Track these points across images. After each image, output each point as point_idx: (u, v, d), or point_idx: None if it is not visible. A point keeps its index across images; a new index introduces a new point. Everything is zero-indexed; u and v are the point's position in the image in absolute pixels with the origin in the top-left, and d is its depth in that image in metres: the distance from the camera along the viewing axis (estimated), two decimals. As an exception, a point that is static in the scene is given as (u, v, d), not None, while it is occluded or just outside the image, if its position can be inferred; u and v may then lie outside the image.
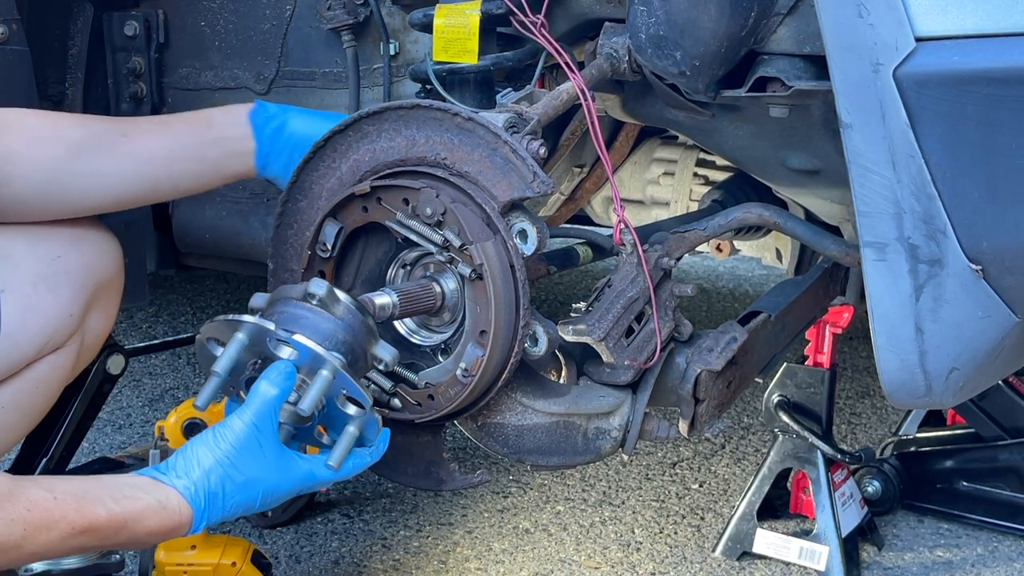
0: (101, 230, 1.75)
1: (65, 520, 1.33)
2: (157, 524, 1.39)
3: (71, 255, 1.68)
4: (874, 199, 1.48)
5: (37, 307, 1.63)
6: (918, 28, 1.40)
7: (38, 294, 1.63)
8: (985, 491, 2.49)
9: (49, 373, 1.68)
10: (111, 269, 1.75)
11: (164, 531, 1.41)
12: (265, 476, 1.44)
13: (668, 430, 1.63)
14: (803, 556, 2.28)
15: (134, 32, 2.17)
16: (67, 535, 1.33)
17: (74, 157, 1.67)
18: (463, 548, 2.35)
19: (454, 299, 1.55)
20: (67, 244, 1.68)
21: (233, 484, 1.42)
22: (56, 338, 1.66)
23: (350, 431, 1.46)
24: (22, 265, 1.63)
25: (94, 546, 1.39)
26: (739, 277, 4.41)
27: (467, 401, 1.54)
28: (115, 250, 1.77)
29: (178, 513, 1.40)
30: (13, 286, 1.60)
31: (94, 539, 1.36)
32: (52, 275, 1.65)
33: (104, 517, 1.35)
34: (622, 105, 1.94)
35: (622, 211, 1.62)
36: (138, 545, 1.44)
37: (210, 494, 1.41)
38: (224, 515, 1.44)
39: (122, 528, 1.37)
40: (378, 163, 1.58)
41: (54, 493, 1.34)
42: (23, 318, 1.60)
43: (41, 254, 1.65)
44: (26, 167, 1.64)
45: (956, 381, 1.58)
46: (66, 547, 1.36)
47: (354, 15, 2.00)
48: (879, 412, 3.11)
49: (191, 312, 3.79)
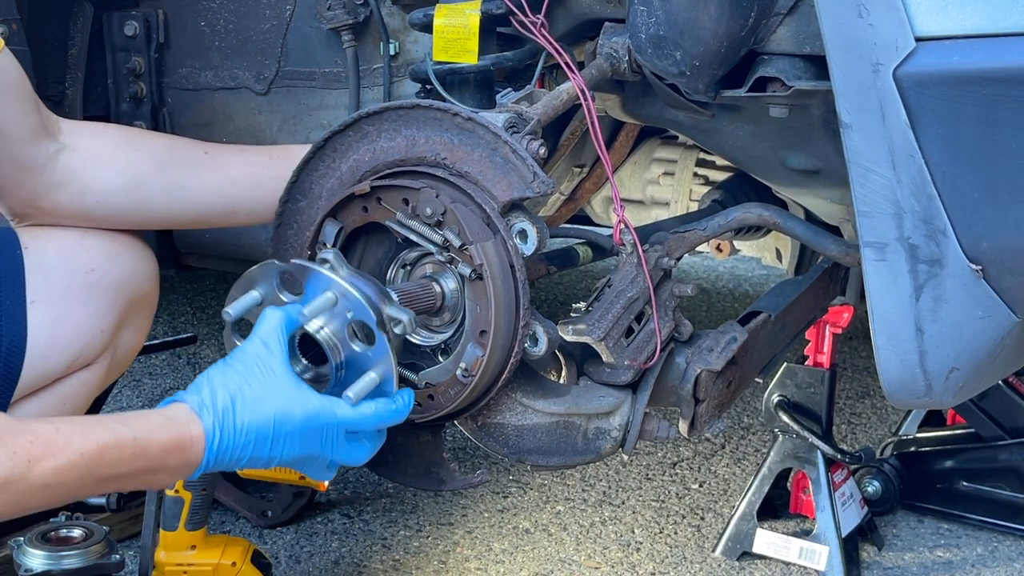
0: (137, 245, 1.73)
1: (71, 446, 1.28)
2: (168, 439, 1.32)
3: (105, 269, 1.66)
4: (874, 199, 1.48)
5: (67, 320, 1.60)
6: (918, 28, 1.40)
7: (68, 307, 1.61)
8: (985, 491, 2.49)
9: (77, 390, 1.66)
10: (146, 285, 1.73)
11: (175, 446, 1.33)
12: (276, 396, 1.37)
13: (668, 430, 1.63)
14: (803, 556, 2.29)
15: (134, 32, 2.17)
16: (76, 461, 1.28)
17: (158, 169, 1.71)
18: (463, 548, 2.35)
19: (454, 299, 1.55)
20: (101, 258, 1.67)
21: (243, 400, 1.36)
22: (86, 353, 1.64)
23: (370, 375, 1.42)
24: (53, 277, 1.62)
25: (110, 477, 1.32)
26: (739, 277, 4.41)
27: (467, 401, 1.54)
28: (151, 265, 1.75)
29: (187, 426, 1.34)
30: (43, 297, 1.59)
31: (106, 466, 1.30)
32: (84, 288, 1.63)
33: (112, 438, 1.30)
34: (622, 105, 1.94)
35: (622, 211, 1.62)
36: (155, 475, 1.36)
37: (219, 408, 1.35)
38: (237, 439, 1.36)
39: (134, 449, 1.31)
40: (378, 163, 1.58)
41: (56, 425, 1.30)
42: (52, 331, 1.59)
43: (74, 267, 1.64)
44: (110, 172, 1.68)
45: (956, 381, 1.58)
46: (78, 476, 1.29)
47: (354, 15, 2.00)
48: (879, 412, 3.11)
49: (191, 312, 3.79)
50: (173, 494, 1.99)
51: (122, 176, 1.68)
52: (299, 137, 2.14)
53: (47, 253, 1.63)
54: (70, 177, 1.65)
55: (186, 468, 1.36)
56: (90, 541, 1.82)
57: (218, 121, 2.19)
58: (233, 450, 1.36)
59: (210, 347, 3.47)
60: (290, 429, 1.37)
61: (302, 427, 1.38)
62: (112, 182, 1.68)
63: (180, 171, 1.72)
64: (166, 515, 2.00)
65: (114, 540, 1.88)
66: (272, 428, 1.37)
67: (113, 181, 1.68)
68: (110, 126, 1.78)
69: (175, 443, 1.33)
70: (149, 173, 1.70)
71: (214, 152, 1.77)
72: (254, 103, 2.16)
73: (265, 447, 1.37)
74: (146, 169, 1.70)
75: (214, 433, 1.35)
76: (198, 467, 1.36)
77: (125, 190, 1.69)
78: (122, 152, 1.70)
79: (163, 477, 1.37)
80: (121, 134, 1.76)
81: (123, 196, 1.69)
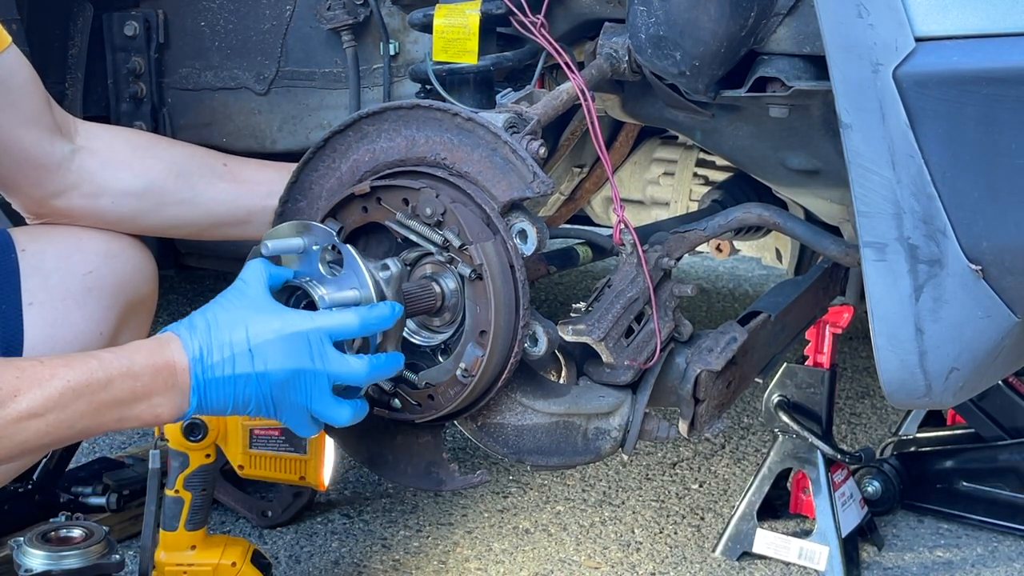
0: (136, 246, 1.73)
1: (57, 376, 1.29)
2: (151, 357, 1.33)
3: (103, 271, 1.65)
4: (874, 199, 1.48)
5: (65, 323, 1.59)
6: (918, 28, 1.40)
7: (66, 310, 1.60)
8: (985, 491, 2.49)
9: None
10: (145, 287, 1.72)
11: (162, 366, 1.34)
12: (254, 312, 1.38)
13: (668, 430, 1.63)
14: (803, 556, 2.28)
15: (134, 32, 2.17)
16: (63, 388, 1.28)
17: (175, 176, 1.71)
18: (463, 548, 2.35)
19: (454, 299, 1.55)
20: (99, 259, 1.66)
21: (222, 319, 1.37)
22: None
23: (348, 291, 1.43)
24: (52, 278, 1.61)
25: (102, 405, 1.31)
26: (739, 277, 4.41)
27: (467, 401, 1.54)
28: (150, 267, 1.75)
29: (169, 346, 1.35)
30: (41, 300, 1.58)
31: (94, 391, 1.30)
32: (82, 290, 1.62)
33: (96, 363, 1.31)
34: (622, 105, 1.94)
35: (622, 211, 1.62)
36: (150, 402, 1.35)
37: (197, 328, 1.36)
38: (219, 355, 1.36)
39: (119, 369, 1.32)
40: (378, 163, 1.58)
41: (42, 360, 1.31)
42: (50, 334, 1.58)
43: (72, 268, 1.63)
44: (126, 175, 1.68)
45: (956, 381, 1.58)
46: (68, 403, 1.29)
47: (354, 15, 2.00)
48: (879, 412, 3.11)
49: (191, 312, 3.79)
50: (173, 494, 1.99)
51: (138, 180, 1.69)
52: (299, 137, 2.14)
53: (45, 255, 1.62)
54: (85, 178, 1.66)
55: (178, 394, 1.36)
56: (90, 541, 1.82)
57: (218, 121, 2.19)
58: (218, 367, 1.36)
59: (210, 347, 3.47)
60: (270, 337, 1.37)
61: (281, 336, 1.37)
62: (127, 185, 1.68)
63: (197, 180, 1.73)
64: (166, 515, 2.00)
65: (114, 540, 1.88)
66: (250, 339, 1.36)
67: (128, 184, 1.68)
68: (129, 130, 1.79)
69: (161, 363, 1.34)
70: (165, 179, 1.71)
71: (233, 164, 1.77)
72: (254, 103, 2.16)
73: (247, 360, 1.36)
74: (163, 175, 1.71)
75: (194, 349, 1.35)
76: (190, 391, 1.36)
77: (140, 194, 1.69)
78: (139, 156, 1.70)
79: (159, 404, 1.35)
80: (140, 139, 1.77)
81: (138, 200, 1.70)
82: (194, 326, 1.38)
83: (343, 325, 1.40)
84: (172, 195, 1.72)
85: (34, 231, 1.67)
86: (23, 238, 1.64)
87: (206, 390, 1.36)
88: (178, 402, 1.37)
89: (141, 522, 2.02)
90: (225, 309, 1.39)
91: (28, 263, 1.61)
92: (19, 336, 1.55)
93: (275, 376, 1.37)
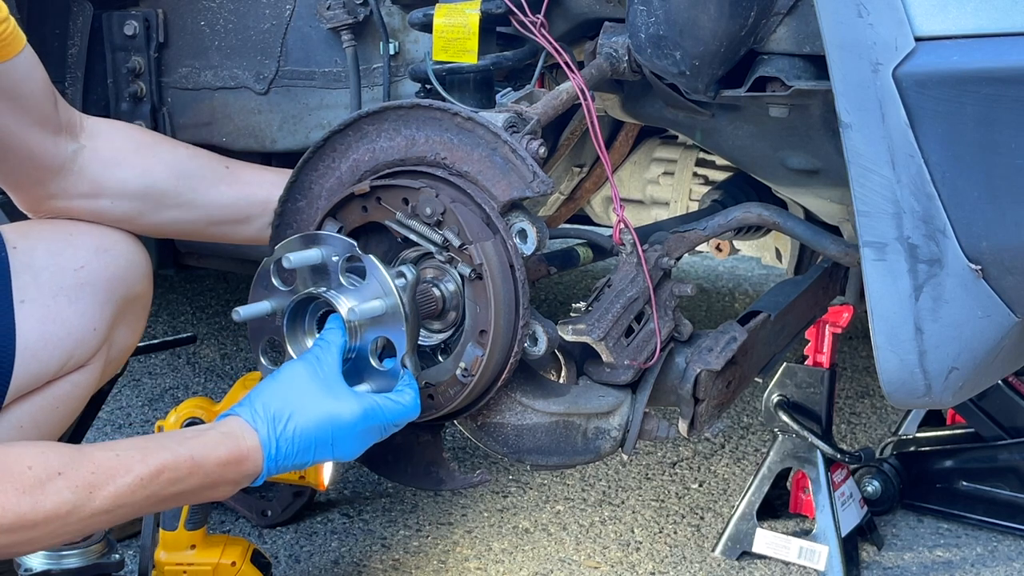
0: (129, 241, 1.72)
1: (131, 472, 1.30)
2: (224, 454, 1.36)
3: (95, 266, 1.64)
4: (874, 199, 1.48)
5: (57, 320, 1.58)
6: (918, 28, 1.40)
7: (59, 306, 1.58)
8: (985, 491, 2.49)
9: (72, 392, 1.63)
10: (139, 282, 1.71)
11: (232, 460, 1.36)
12: (326, 402, 1.41)
13: (668, 430, 1.63)
14: (803, 556, 2.29)
15: (134, 31, 2.17)
16: (135, 485, 1.31)
17: (175, 178, 1.72)
18: (463, 548, 2.35)
19: (454, 301, 1.55)
20: (91, 254, 1.64)
21: (295, 408, 1.39)
22: (79, 353, 1.61)
23: (373, 302, 1.46)
24: (44, 275, 1.59)
25: (169, 496, 1.34)
26: (739, 277, 4.41)
27: (467, 401, 1.54)
28: (143, 261, 1.73)
29: (242, 439, 1.37)
30: (33, 297, 1.57)
31: (164, 486, 1.33)
32: (75, 286, 1.61)
33: (170, 458, 1.33)
34: (622, 105, 1.94)
35: (622, 211, 1.62)
36: (214, 490, 1.39)
37: (271, 418, 1.38)
38: (293, 446, 1.39)
39: (191, 467, 1.34)
40: (378, 163, 1.58)
41: (116, 451, 1.32)
42: (44, 331, 1.56)
43: (63, 264, 1.61)
44: (127, 176, 1.68)
45: (956, 381, 1.58)
46: (138, 499, 1.32)
47: (354, 15, 2.00)
48: (879, 412, 3.11)
49: (191, 312, 3.79)
50: (173, 494, 1.99)
51: (138, 181, 1.69)
52: (299, 137, 2.14)
53: (35, 252, 1.61)
54: (87, 179, 1.66)
55: (245, 479, 1.39)
56: (90, 541, 1.82)
57: (218, 121, 2.19)
58: (292, 456, 1.40)
59: (210, 347, 3.47)
60: (345, 427, 1.41)
61: (361, 431, 1.43)
62: (128, 187, 1.69)
63: (198, 182, 1.73)
64: (166, 515, 2.00)
65: (114, 540, 1.88)
66: (330, 432, 1.41)
67: (129, 186, 1.69)
68: (133, 127, 1.78)
69: (231, 457, 1.37)
70: (166, 181, 1.71)
71: (235, 168, 1.78)
72: (254, 103, 2.16)
73: (327, 450, 1.42)
74: (163, 176, 1.71)
75: (269, 442, 1.38)
76: (259, 476, 1.40)
77: (140, 195, 1.70)
78: (141, 156, 1.70)
79: (223, 490, 1.40)
80: (144, 137, 1.77)
81: (137, 201, 1.70)
82: (269, 417, 1.39)
83: (406, 407, 1.46)
84: (172, 197, 1.72)
85: (24, 227, 1.66)
86: (13, 235, 1.62)
87: (277, 471, 1.41)
88: (243, 484, 1.41)
89: (141, 521, 2.03)
90: (297, 392, 1.41)
91: (19, 260, 1.59)
92: (11, 334, 1.54)
93: (353, 455, 1.46)
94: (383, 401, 1.44)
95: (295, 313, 1.51)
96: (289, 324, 1.51)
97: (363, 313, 1.44)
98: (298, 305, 1.51)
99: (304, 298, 1.50)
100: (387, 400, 1.45)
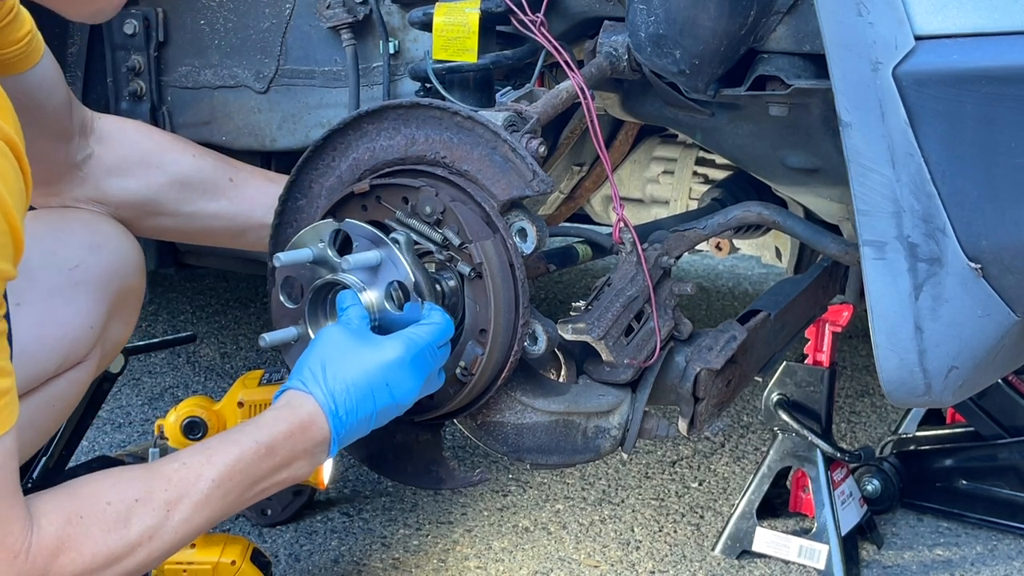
0: (121, 235, 1.72)
1: (202, 478, 1.30)
2: (286, 427, 1.36)
3: (88, 263, 1.64)
4: (873, 198, 1.48)
5: (54, 321, 1.57)
6: (917, 27, 1.40)
7: (54, 307, 1.58)
8: (984, 489, 2.49)
9: (67, 389, 1.63)
10: (132, 275, 1.71)
11: (297, 428, 1.36)
12: (367, 348, 1.41)
13: (667, 429, 1.63)
14: (803, 555, 2.29)
15: (133, 30, 2.17)
16: (210, 490, 1.31)
17: (177, 188, 1.73)
18: (462, 547, 2.35)
19: (454, 299, 1.55)
20: (85, 252, 1.64)
21: (341, 363, 1.40)
22: (75, 352, 1.61)
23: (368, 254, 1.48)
24: (38, 275, 1.58)
25: (247, 487, 1.34)
26: (738, 276, 4.41)
27: (467, 400, 1.54)
28: (136, 255, 1.74)
29: (300, 407, 1.37)
30: (28, 298, 1.54)
31: (239, 481, 1.33)
32: (70, 286, 1.60)
33: (236, 451, 1.33)
34: (621, 104, 1.94)
35: (621, 210, 1.62)
36: (292, 467, 1.38)
37: (322, 377, 1.39)
38: (351, 398, 1.39)
39: (259, 452, 1.34)
40: (377, 162, 1.58)
41: (182, 461, 1.32)
42: (40, 332, 1.55)
43: (58, 263, 1.61)
44: (128, 184, 1.70)
45: (955, 380, 1.58)
46: (216, 502, 1.32)
47: (354, 14, 2.00)
48: (878, 411, 3.11)
49: (190, 311, 3.79)
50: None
51: (140, 191, 1.71)
52: (299, 136, 2.14)
53: (30, 254, 1.60)
54: (91, 185, 1.68)
55: (318, 448, 1.39)
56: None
57: (218, 120, 2.19)
58: (354, 409, 1.39)
59: (209, 346, 3.47)
60: (395, 371, 1.41)
61: (402, 364, 1.42)
62: (128, 196, 1.71)
63: (198, 196, 1.75)
64: (166, 514, 2.00)
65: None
66: (381, 375, 1.41)
67: (129, 195, 1.71)
68: (143, 130, 1.77)
69: (295, 427, 1.37)
70: (168, 192, 1.73)
71: (239, 181, 1.79)
72: (254, 102, 2.16)
73: (385, 394, 1.41)
74: (165, 187, 1.72)
75: (327, 400, 1.38)
76: (331, 441, 1.39)
77: (139, 204, 1.72)
78: (145, 167, 1.72)
79: (300, 466, 1.39)
80: (151, 145, 1.76)
81: (137, 209, 1.72)
82: (319, 378, 1.39)
83: (440, 325, 1.46)
84: (170, 206, 1.74)
85: None
86: None
87: (347, 432, 1.41)
88: (318, 454, 1.40)
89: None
90: (340, 348, 1.41)
91: None
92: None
93: (412, 392, 1.44)
94: (417, 330, 1.45)
95: (314, 310, 1.53)
96: (311, 318, 1.52)
97: (357, 263, 1.46)
98: (313, 303, 1.52)
99: (312, 296, 1.51)
100: (419, 328, 1.45)
